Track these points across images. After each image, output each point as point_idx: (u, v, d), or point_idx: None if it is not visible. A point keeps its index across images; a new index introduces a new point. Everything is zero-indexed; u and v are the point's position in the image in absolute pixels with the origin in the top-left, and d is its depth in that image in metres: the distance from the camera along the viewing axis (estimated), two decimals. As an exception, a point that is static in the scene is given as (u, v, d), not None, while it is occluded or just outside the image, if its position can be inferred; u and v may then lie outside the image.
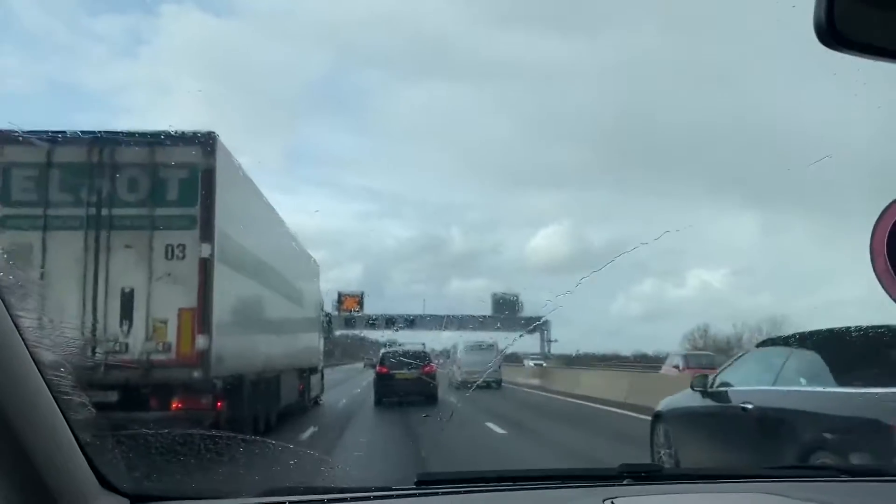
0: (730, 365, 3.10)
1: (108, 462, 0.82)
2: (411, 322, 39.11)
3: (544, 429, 7.17)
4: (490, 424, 6.85)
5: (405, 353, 13.59)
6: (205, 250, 4.78)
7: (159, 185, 4.74)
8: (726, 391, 2.74)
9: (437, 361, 13.68)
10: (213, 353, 4.85)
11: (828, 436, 1.90)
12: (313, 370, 10.75)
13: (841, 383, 2.04)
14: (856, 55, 0.63)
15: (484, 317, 32.42)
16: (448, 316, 41.49)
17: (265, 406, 6.49)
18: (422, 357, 13.25)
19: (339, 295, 40.05)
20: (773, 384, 2.43)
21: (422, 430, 6.53)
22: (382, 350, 14.39)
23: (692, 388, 3.09)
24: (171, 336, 4.64)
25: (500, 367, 16.48)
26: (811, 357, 2.33)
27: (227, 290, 5.34)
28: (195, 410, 4.63)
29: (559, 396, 12.68)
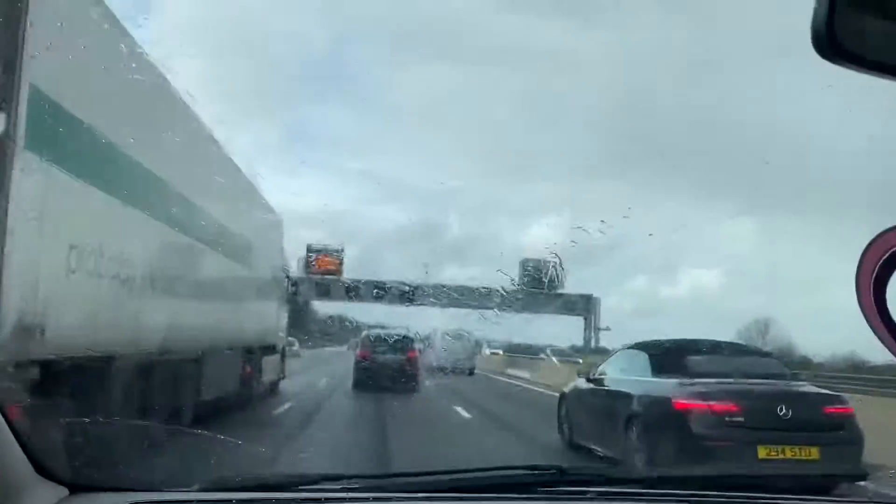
0: (606, 360, 5.26)
1: (46, 450, 0.81)
2: (410, 294, 36.60)
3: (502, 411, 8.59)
4: (457, 408, 7.97)
5: (388, 337, 13.33)
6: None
7: None
8: (600, 378, 4.85)
9: (419, 347, 13.50)
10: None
11: (639, 408, 3.77)
12: (268, 349, 8.94)
13: (656, 375, 4.07)
14: (854, 69, 0.66)
15: (505, 292, 34.83)
16: (461, 288, 39.79)
17: (170, 398, 4.88)
18: (405, 342, 12.91)
19: (309, 250, 36.96)
20: (622, 374, 4.57)
21: (390, 411, 7.50)
22: (364, 332, 14.16)
23: (578, 375, 5.36)
24: None
25: (474, 356, 18.91)
26: (645, 357, 4.43)
27: (58, 206, 3.25)
28: None
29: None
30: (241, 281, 7.32)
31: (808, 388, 4.24)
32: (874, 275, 0.74)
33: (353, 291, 38.04)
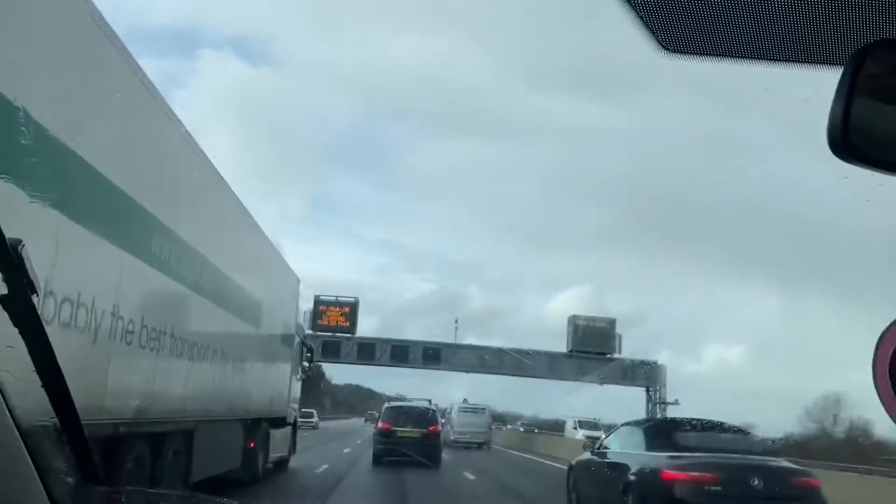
0: (608, 435, 6.90)
1: None
2: (434, 354, 38.76)
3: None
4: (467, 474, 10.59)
5: (410, 410, 15.01)
6: None
7: None
8: (604, 451, 6.38)
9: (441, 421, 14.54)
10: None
11: (633, 478, 4.96)
12: (277, 422, 8.93)
13: (649, 449, 5.43)
14: (867, 168, 0.77)
15: (548, 354, 34.28)
16: (495, 350, 41.01)
17: (150, 478, 4.52)
18: (427, 416, 14.44)
19: (317, 302, 38.01)
20: (621, 448, 5.99)
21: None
22: (386, 404, 15.78)
23: (584, 448, 7.01)
24: None
25: (489, 429, 22.94)
26: (640, 432, 5.97)
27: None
28: None
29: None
30: (247, 342, 7.11)
31: (780, 462, 5.56)
32: (890, 361, 0.88)
33: (367, 351, 38.92)
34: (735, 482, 4.95)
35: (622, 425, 7.00)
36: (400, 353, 38.73)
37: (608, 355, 35.88)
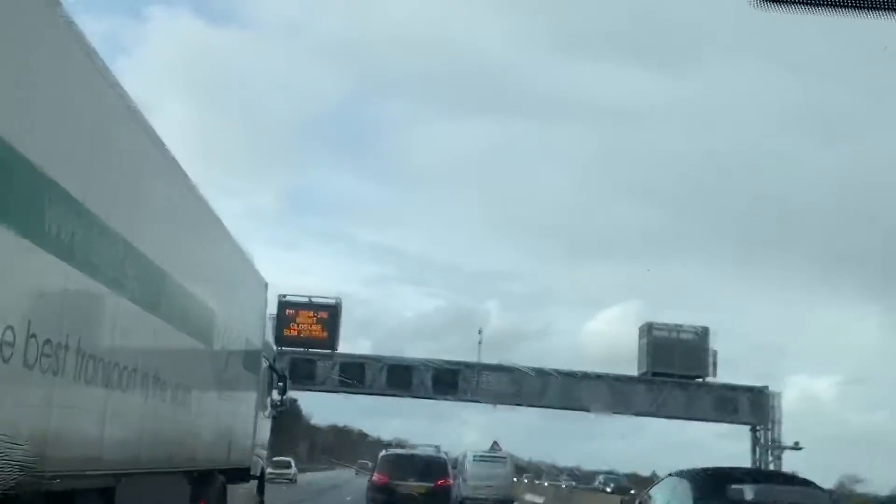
0: (651, 488, 8.24)
1: None
2: (449, 378, 38.76)
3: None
4: None
5: (413, 459, 16.01)
6: None
7: None
8: None
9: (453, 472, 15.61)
10: None
11: None
12: (237, 475, 9.21)
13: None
14: (789, 11, 1.15)
15: (611, 379, 33.48)
16: (536, 372, 42.44)
17: None
18: (435, 465, 15.32)
19: (282, 305, 38.28)
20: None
21: None
22: (383, 452, 16.94)
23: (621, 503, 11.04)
24: None
25: (511, 483, 24.19)
26: (687, 486, 6.82)
27: None
28: None
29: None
30: (194, 364, 7.12)
31: None
32: None
33: (353, 373, 39.04)
34: None
35: (668, 476, 8.05)
36: (400, 378, 37.62)
37: (699, 378, 35.61)
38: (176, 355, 6.57)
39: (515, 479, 28.96)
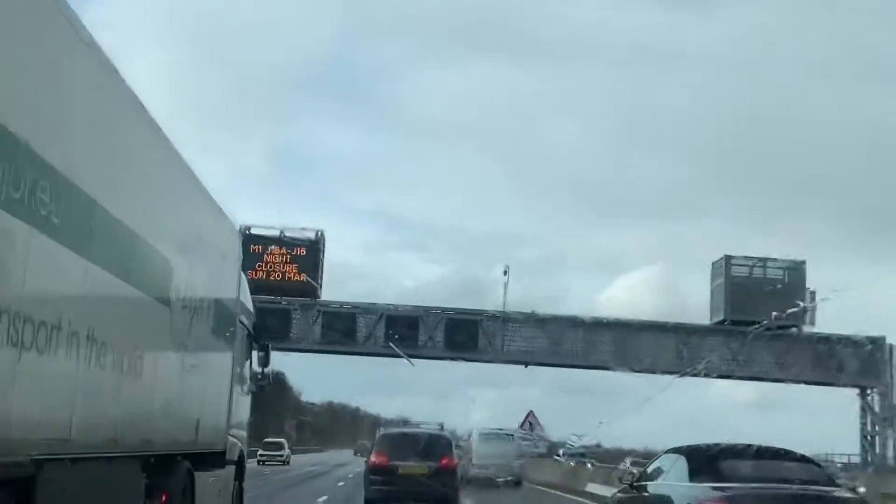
0: (648, 465, 10.78)
1: None
2: (468, 332, 39.10)
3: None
4: None
5: (414, 437, 18.91)
6: None
7: None
8: (643, 485, 10.24)
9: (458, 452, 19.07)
10: None
11: None
12: (207, 461, 10.25)
13: (693, 479, 9.27)
14: None
15: (678, 328, 35.93)
16: (577, 321, 44.55)
17: None
18: (438, 444, 18.23)
19: (248, 240, 34.60)
20: (662, 479, 9.90)
21: None
22: (380, 430, 20.02)
23: (619, 481, 11.56)
24: None
25: (518, 462, 29.88)
26: (683, 462, 9.66)
27: None
28: None
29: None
30: (144, 323, 7.54)
31: (833, 492, 8.66)
32: None
33: (341, 326, 39.86)
34: None
35: (665, 452, 10.65)
36: (403, 332, 38.69)
37: (794, 328, 36.50)
38: (119, 311, 6.83)
39: (561, 457, 32.78)
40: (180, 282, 8.62)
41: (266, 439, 49.34)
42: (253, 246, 38.69)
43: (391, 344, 38.59)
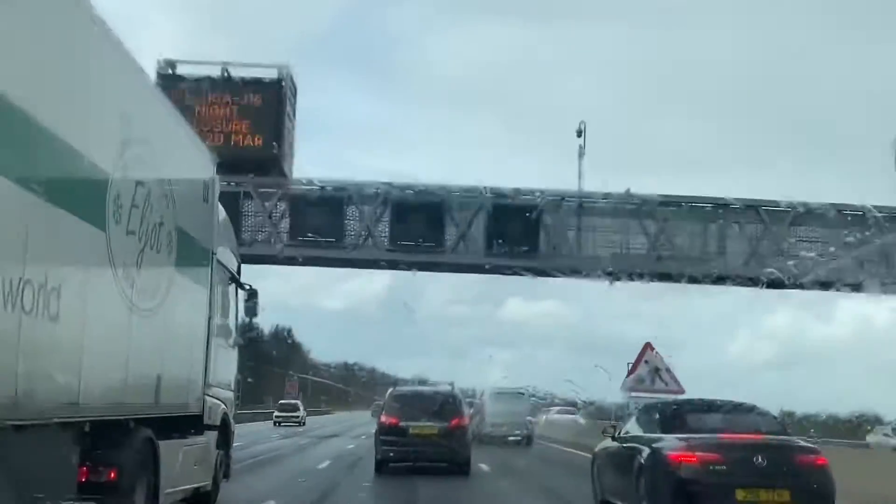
0: (628, 421, 21.10)
1: None
2: (525, 223, 39.96)
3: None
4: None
5: (424, 397, 29.75)
6: None
7: None
8: (624, 437, 19.41)
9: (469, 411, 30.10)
10: None
11: (646, 462, 16.72)
12: (177, 425, 12.77)
13: (663, 431, 17.67)
14: None
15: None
16: (693, 204, 46.36)
17: None
18: (448, 403, 28.42)
19: (165, 79, 35.33)
20: (638, 432, 18.82)
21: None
22: (390, 390, 30.77)
23: (603, 434, 21.21)
24: None
25: (531, 420, 49.12)
26: (656, 416, 19.00)
27: None
28: None
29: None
30: (63, 254, 9.14)
31: (790, 441, 17.00)
32: None
33: (320, 216, 40.50)
34: (738, 461, 15.40)
35: (642, 408, 19.99)
36: (419, 225, 39.91)
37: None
38: (19, 230, 8.17)
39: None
40: (122, 203, 10.42)
41: (281, 401, 74.54)
42: (178, 91, 35.78)
43: (397, 252, 40.12)
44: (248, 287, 17.09)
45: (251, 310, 17.03)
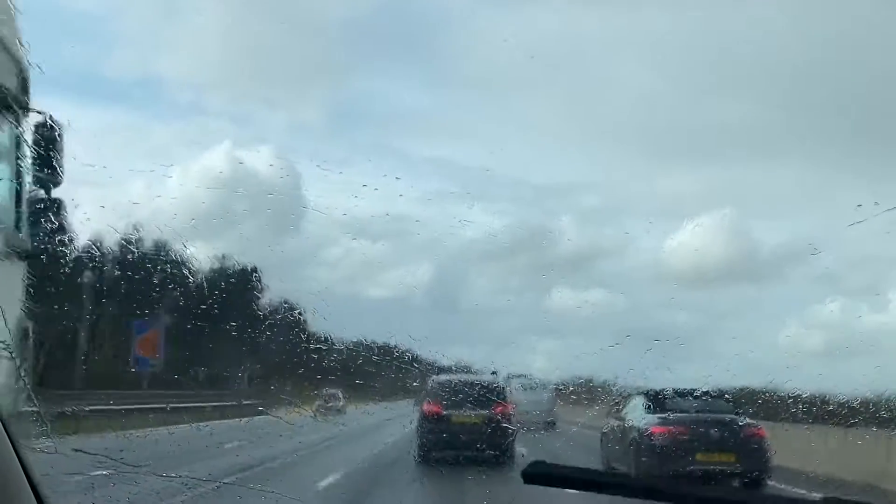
0: (627, 402, 28.17)
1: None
2: None
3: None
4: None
5: (467, 385, 29.19)
6: None
7: None
8: (622, 416, 27.50)
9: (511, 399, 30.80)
10: None
11: (635, 435, 25.47)
12: None
13: (648, 412, 26.07)
14: None
15: None
16: None
17: None
18: (493, 391, 28.50)
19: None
20: (631, 413, 27.06)
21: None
22: (432, 378, 29.94)
23: (609, 416, 28.91)
24: None
25: (554, 408, 47.09)
26: (643, 400, 26.79)
27: None
28: None
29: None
30: None
31: (739, 419, 25.32)
32: None
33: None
34: (700, 432, 23.94)
35: (636, 395, 27.19)
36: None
37: None
38: None
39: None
40: None
41: (325, 390, 69.25)
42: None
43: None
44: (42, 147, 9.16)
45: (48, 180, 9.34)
